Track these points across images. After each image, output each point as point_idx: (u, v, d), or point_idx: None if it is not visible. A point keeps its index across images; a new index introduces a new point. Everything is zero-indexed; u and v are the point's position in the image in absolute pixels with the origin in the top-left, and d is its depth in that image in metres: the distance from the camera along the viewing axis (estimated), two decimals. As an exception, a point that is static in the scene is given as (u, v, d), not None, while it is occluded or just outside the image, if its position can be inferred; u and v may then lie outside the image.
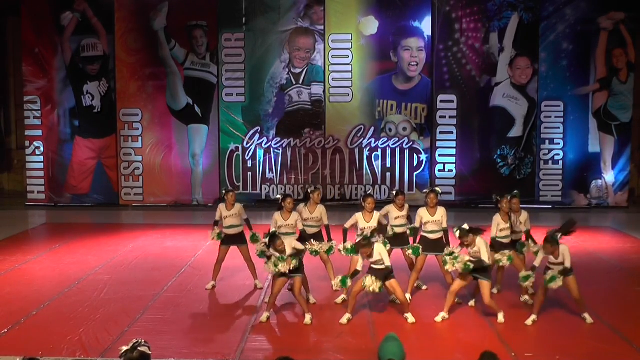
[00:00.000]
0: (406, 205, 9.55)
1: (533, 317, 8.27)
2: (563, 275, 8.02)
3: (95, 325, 8.12)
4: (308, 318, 8.28)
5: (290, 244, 8.35)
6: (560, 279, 8.01)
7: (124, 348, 4.50)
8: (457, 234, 8.22)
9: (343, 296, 9.04)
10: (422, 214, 9.27)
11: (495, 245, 9.02)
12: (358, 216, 9.17)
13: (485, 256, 8.18)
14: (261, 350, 7.51)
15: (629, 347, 7.55)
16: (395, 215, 9.40)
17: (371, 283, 8.08)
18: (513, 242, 9.14)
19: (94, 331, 7.93)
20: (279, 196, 9.34)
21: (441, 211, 9.27)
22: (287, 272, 8.26)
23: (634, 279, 10.53)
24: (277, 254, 8.20)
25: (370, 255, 8.15)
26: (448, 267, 8.37)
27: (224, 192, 9.87)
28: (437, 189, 9.61)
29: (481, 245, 8.20)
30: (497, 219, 9.08)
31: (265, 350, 7.53)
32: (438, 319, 8.39)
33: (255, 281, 9.83)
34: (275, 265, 8.20)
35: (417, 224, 9.40)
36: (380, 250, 8.17)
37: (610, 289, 9.94)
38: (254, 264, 9.72)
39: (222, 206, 9.69)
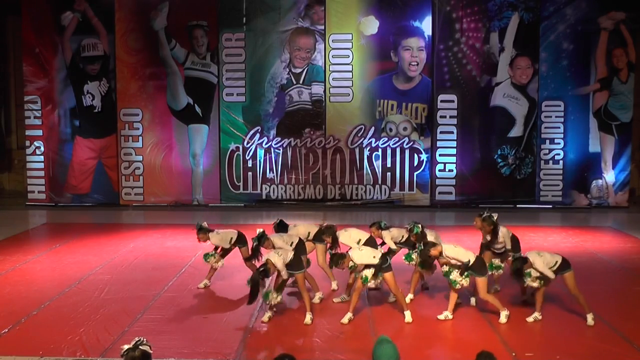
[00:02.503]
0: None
1: (535, 314, 8.29)
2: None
3: (96, 325, 8.12)
4: (308, 317, 8.27)
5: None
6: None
7: (126, 346, 4.52)
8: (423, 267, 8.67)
9: (343, 296, 9.04)
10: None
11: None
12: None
13: (462, 257, 8.24)
14: (261, 350, 7.51)
15: (629, 346, 7.55)
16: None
17: (370, 275, 8.16)
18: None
19: (94, 331, 7.93)
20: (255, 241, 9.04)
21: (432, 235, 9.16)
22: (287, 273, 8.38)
23: (634, 279, 10.52)
24: (274, 292, 8.32)
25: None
26: (458, 286, 8.34)
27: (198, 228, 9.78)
28: (418, 226, 9.02)
29: (449, 253, 8.29)
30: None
31: (265, 350, 7.53)
32: (441, 317, 8.38)
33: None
34: (268, 297, 8.30)
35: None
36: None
37: (611, 289, 9.94)
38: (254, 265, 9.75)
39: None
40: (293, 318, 8.49)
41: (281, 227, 9.76)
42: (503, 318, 8.20)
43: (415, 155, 16.80)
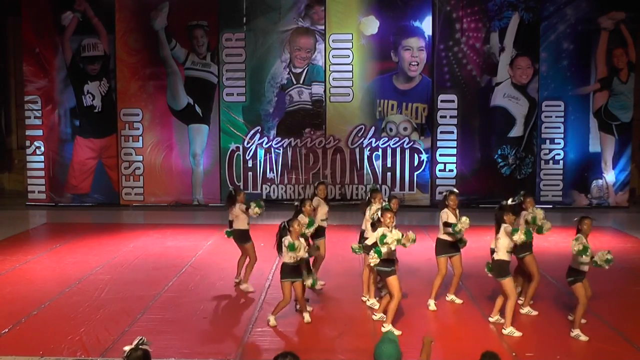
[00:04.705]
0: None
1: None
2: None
3: (96, 325, 8.12)
4: (307, 316, 8.29)
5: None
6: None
7: (128, 348, 4.55)
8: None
9: (371, 300, 8.92)
10: (448, 215, 8.89)
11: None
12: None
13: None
14: (262, 350, 7.51)
15: (629, 346, 7.55)
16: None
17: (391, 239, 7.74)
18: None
19: (94, 331, 7.93)
20: (296, 203, 9.04)
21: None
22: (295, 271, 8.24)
23: (634, 278, 10.54)
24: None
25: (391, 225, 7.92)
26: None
27: (233, 191, 9.69)
28: (455, 189, 9.23)
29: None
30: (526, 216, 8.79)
31: (265, 350, 7.52)
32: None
33: (246, 285, 9.65)
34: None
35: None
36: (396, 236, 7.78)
37: (611, 288, 9.92)
38: (253, 266, 9.67)
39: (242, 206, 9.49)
40: (293, 318, 8.48)
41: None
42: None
43: (416, 155, 16.80)
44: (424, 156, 16.80)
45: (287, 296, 8.17)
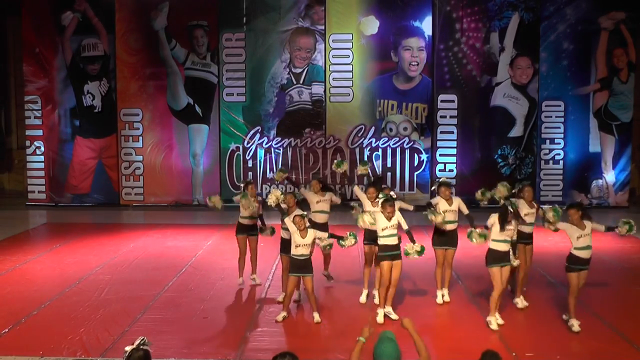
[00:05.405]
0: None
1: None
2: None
3: (96, 325, 8.12)
4: (317, 316, 8.29)
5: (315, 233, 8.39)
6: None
7: (129, 348, 4.56)
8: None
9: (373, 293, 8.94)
10: (439, 202, 8.94)
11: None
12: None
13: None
14: (262, 350, 7.50)
15: (629, 346, 7.55)
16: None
17: (411, 248, 8.22)
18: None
19: (94, 331, 7.93)
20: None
21: (457, 201, 9.08)
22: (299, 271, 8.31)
23: (634, 279, 10.54)
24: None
25: (390, 217, 8.18)
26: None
27: (244, 184, 9.85)
28: (447, 180, 9.39)
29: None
30: (521, 203, 8.84)
31: (265, 350, 7.52)
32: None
33: (253, 275, 9.77)
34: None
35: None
36: (399, 217, 8.25)
37: (611, 288, 9.94)
38: (257, 258, 9.71)
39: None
40: (294, 318, 8.49)
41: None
42: (493, 325, 8.00)
43: (416, 155, 16.80)
44: (424, 156, 16.80)
45: (290, 290, 8.35)
